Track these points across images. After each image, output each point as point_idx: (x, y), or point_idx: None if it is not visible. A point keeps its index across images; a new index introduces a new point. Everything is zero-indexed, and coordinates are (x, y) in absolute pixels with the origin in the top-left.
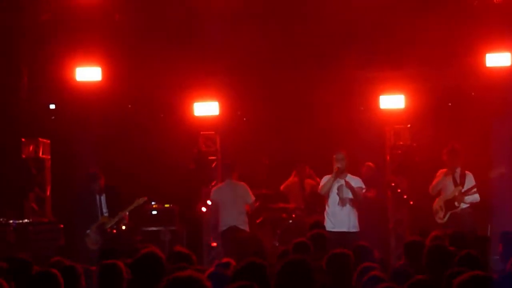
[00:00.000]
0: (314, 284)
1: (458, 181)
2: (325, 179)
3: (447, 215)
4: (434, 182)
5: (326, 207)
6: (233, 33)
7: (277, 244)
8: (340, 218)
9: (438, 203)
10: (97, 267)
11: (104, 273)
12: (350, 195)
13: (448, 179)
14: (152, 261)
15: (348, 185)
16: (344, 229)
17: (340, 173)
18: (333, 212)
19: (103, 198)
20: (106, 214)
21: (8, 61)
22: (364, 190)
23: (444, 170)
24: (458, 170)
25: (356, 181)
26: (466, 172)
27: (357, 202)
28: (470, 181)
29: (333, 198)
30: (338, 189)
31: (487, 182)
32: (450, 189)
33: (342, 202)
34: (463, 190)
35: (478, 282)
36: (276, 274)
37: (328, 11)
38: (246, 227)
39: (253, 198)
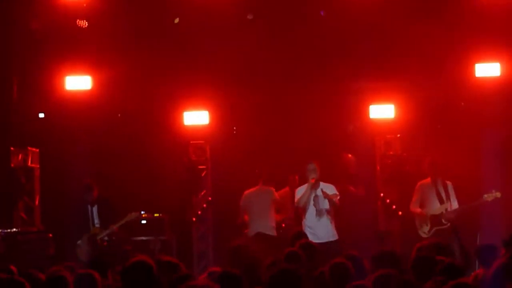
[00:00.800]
0: None
1: (443, 195)
2: (300, 191)
3: (432, 231)
4: (414, 199)
5: (304, 219)
6: (224, 43)
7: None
8: (319, 229)
9: (422, 218)
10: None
11: (79, 282)
12: (326, 206)
13: (431, 192)
14: (142, 268)
15: (325, 195)
16: (324, 240)
17: (314, 185)
18: (311, 224)
19: (95, 209)
20: (97, 225)
21: None
22: (338, 197)
23: (422, 182)
24: (439, 182)
25: (330, 189)
26: (447, 182)
27: (334, 211)
28: (451, 192)
29: (311, 209)
30: (314, 200)
31: (478, 197)
32: (434, 203)
33: (319, 213)
34: (449, 209)
35: None
36: (267, 283)
37: (318, 23)
38: (273, 232)
39: (276, 196)
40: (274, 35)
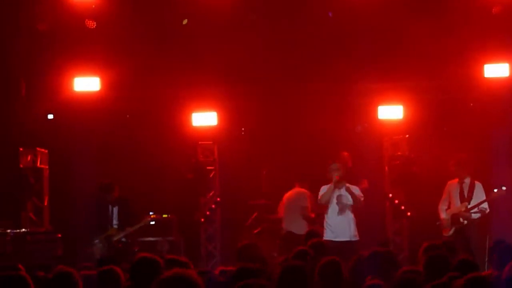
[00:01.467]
0: None
1: (466, 193)
2: (324, 189)
3: (452, 230)
4: (443, 197)
5: (326, 217)
6: (232, 44)
7: (275, 255)
8: (341, 227)
9: (446, 217)
10: (97, 273)
11: (103, 278)
12: (350, 202)
13: (456, 191)
14: (149, 264)
15: (349, 190)
16: (346, 238)
17: (339, 182)
18: (333, 222)
19: (115, 209)
20: (115, 226)
21: (6, 71)
22: (362, 199)
23: (451, 181)
24: (467, 181)
25: (355, 190)
26: (476, 182)
27: (357, 208)
28: (479, 191)
29: (333, 207)
30: (337, 199)
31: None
32: (457, 201)
33: (342, 211)
34: (469, 206)
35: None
36: (276, 279)
37: (326, 23)
38: (301, 232)
39: (307, 203)
40: (282, 36)
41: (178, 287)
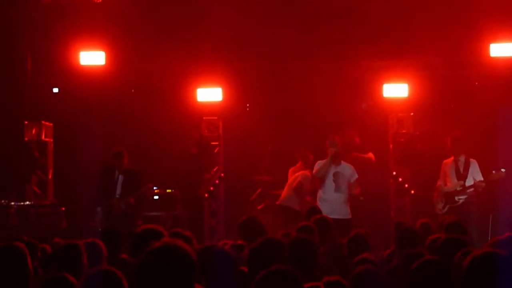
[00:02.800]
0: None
1: (462, 171)
2: (320, 163)
3: (446, 208)
4: (440, 176)
5: (320, 192)
6: (238, 20)
7: (279, 230)
8: (335, 205)
9: (439, 194)
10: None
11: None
12: (345, 184)
13: (452, 169)
14: (153, 234)
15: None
16: (340, 216)
17: (335, 157)
18: (328, 199)
19: (121, 178)
20: (118, 196)
21: (11, 45)
22: (356, 177)
23: (446, 160)
24: (462, 159)
25: (350, 171)
26: (471, 160)
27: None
28: (474, 169)
29: (329, 184)
30: (334, 175)
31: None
32: (453, 180)
33: (338, 189)
34: (466, 185)
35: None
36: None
37: (333, 1)
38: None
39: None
40: (288, 12)
41: (167, 257)
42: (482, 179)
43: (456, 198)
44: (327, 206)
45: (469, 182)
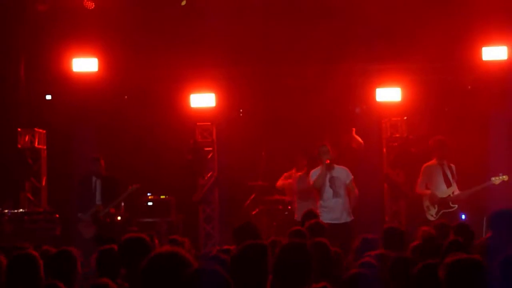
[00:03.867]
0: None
1: (450, 177)
2: (315, 173)
3: (440, 213)
4: (419, 180)
5: (320, 201)
6: (230, 25)
7: (272, 236)
8: (336, 210)
9: (430, 200)
10: (96, 253)
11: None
12: (343, 187)
13: (438, 174)
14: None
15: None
16: (342, 221)
17: (329, 165)
18: (328, 205)
19: (98, 183)
20: (99, 202)
21: (5, 51)
22: (352, 178)
23: (428, 164)
24: (446, 163)
25: (345, 173)
26: (451, 164)
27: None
28: (454, 173)
29: (327, 190)
30: (330, 181)
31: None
32: (441, 186)
33: (336, 194)
34: (456, 193)
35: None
36: (276, 257)
37: (325, 5)
38: None
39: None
40: (281, 17)
41: (168, 263)
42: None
43: (451, 203)
44: (329, 213)
45: (455, 187)
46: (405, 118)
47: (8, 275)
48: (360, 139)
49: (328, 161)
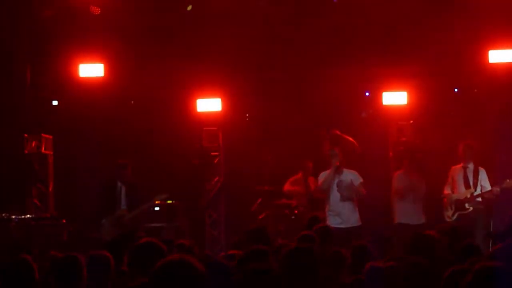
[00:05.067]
0: (318, 274)
1: (471, 180)
2: (323, 175)
3: (455, 215)
4: (446, 182)
5: (328, 205)
6: (237, 30)
7: (279, 241)
8: (344, 214)
9: (448, 201)
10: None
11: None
12: (351, 191)
13: (460, 176)
14: (151, 249)
15: (352, 187)
16: (349, 225)
17: (339, 168)
18: (335, 210)
19: (123, 190)
20: (124, 207)
21: (11, 57)
22: (362, 181)
23: (455, 166)
24: (471, 166)
25: (354, 176)
26: (480, 168)
27: (358, 198)
28: (483, 176)
29: (334, 194)
30: (337, 185)
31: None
32: (461, 188)
33: (344, 198)
34: (475, 193)
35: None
36: (281, 261)
37: (331, 9)
38: None
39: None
40: (287, 22)
41: (179, 271)
42: (490, 187)
43: (467, 205)
44: (336, 218)
45: (478, 190)
46: (412, 122)
47: (3, 280)
48: (351, 139)
49: (338, 163)
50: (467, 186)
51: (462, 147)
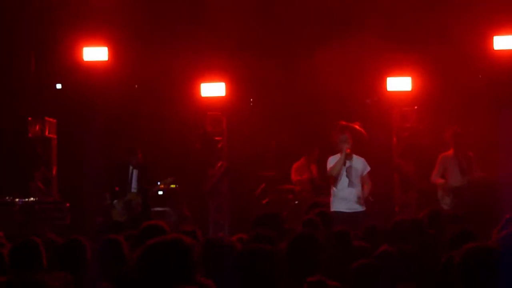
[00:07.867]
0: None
1: (465, 166)
2: (333, 160)
3: (454, 203)
4: (435, 171)
5: (334, 189)
6: (241, 15)
7: (285, 226)
8: (350, 200)
9: (444, 189)
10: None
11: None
12: (359, 174)
13: (454, 164)
14: (157, 231)
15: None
16: (356, 210)
17: (350, 156)
18: (342, 195)
19: (135, 172)
20: (134, 190)
21: (15, 41)
22: (369, 170)
23: (445, 154)
24: (462, 153)
25: (362, 164)
26: (469, 153)
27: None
28: (473, 162)
29: (343, 180)
30: (347, 171)
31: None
32: (456, 175)
33: (352, 184)
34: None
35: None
36: (287, 246)
37: None
38: None
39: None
40: (292, 6)
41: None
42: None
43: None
44: (342, 202)
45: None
46: (416, 108)
47: (10, 261)
48: (363, 131)
49: (348, 150)
50: (464, 173)
51: (451, 133)
